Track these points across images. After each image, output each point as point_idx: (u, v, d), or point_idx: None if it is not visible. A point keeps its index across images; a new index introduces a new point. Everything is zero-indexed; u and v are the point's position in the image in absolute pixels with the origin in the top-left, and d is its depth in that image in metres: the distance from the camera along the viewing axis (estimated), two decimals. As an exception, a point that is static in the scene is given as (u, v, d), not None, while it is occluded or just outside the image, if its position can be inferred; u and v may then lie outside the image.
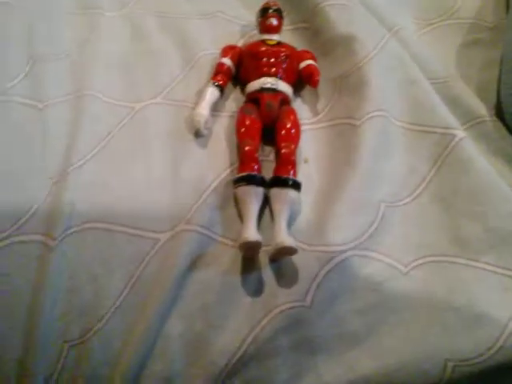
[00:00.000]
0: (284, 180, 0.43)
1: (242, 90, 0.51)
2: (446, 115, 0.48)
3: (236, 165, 0.46)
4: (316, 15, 0.54)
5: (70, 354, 0.38)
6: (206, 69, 0.52)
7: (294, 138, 0.46)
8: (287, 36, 0.56)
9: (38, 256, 0.40)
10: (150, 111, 0.49)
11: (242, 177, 0.43)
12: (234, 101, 0.51)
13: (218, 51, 0.52)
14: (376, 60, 0.50)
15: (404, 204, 0.45)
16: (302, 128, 0.49)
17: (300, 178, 0.45)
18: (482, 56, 0.59)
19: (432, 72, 0.54)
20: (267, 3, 0.52)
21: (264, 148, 0.48)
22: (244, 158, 0.44)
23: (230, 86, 0.51)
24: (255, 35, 0.54)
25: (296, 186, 0.43)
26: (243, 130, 0.46)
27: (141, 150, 0.46)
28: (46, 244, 0.40)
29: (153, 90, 0.51)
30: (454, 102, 0.52)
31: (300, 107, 0.51)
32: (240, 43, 0.55)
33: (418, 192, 0.46)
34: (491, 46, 0.59)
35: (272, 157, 0.47)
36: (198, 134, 0.47)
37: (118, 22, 0.56)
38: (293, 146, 0.45)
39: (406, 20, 0.60)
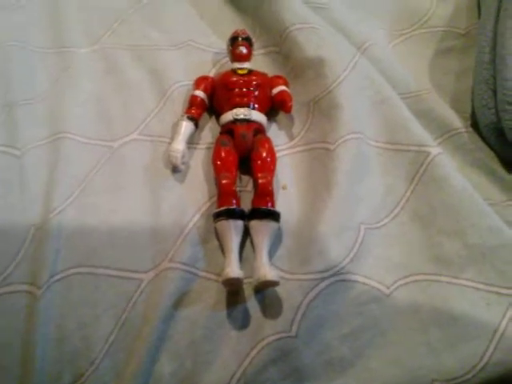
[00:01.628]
0: (262, 212, 0.44)
1: (217, 120, 0.51)
2: (419, 132, 0.49)
3: (215, 197, 0.46)
4: (285, 39, 0.54)
5: (65, 400, 0.39)
6: (180, 101, 0.52)
7: (270, 168, 0.46)
8: (259, 60, 0.56)
9: (25, 306, 0.41)
10: (126, 148, 0.49)
11: (221, 211, 0.43)
12: (210, 131, 0.51)
13: (191, 82, 0.53)
14: (346, 82, 0.50)
15: (383, 225, 0.46)
16: (279, 153, 0.49)
17: (279, 205, 0.46)
18: (455, 64, 0.59)
19: (404, 86, 0.54)
20: (236, 32, 0.53)
21: (242, 178, 0.48)
22: (222, 192, 0.45)
23: (205, 116, 0.52)
24: (227, 63, 0.55)
25: (275, 216, 0.44)
26: (219, 162, 0.46)
27: (119, 190, 0.47)
28: (32, 293, 0.41)
29: (129, 126, 0.51)
30: (428, 116, 0.53)
31: (275, 132, 0.51)
32: (213, 72, 0.55)
33: (396, 212, 0.46)
34: (465, 53, 0.59)
35: (250, 187, 0.48)
36: (175, 170, 0.48)
37: (91, 58, 0.57)
38: (269, 176, 0.45)
39: (377, 33, 0.61)
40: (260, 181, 0.45)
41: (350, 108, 0.49)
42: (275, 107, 0.52)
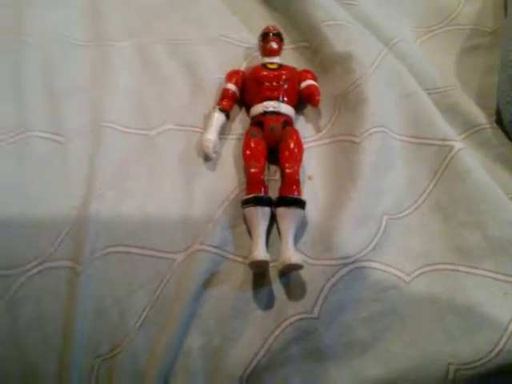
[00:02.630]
0: (289, 200, 0.46)
1: (248, 112, 0.54)
2: (443, 126, 0.50)
3: (244, 185, 0.49)
4: (315, 35, 0.57)
5: (102, 368, 0.42)
6: (213, 93, 0.55)
7: (297, 158, 0.48)
8: (289, 55, 0.58)
9: (67, 280, 0.44)
10: (161, 138, 0.52)
11: (250, 198, 0.46)
12: (240, 123, 0.54)
13: (224, 75, 0.55)
14: (374, 77, 0.52)
15: (405, 215, 0.48)
16: (306, 145, 0.52)
17: (305, 194, 0.48)
18: (482, 62, 0.60)
19: (431, 82, 0.56)
20: (267, 28, 0.55)
21: (270, 168, 0.51)
22: (251, 180, 0.47)
23: (236, 108, 0.54)
24: (258, 57, 0.57)
25: (301, 204, 0.46)
26: (249, 152, 0.49)
27: (155, 177, 0.50)
28: (74, 269, 0.44)
29: (164, 116, 0.54)
30: (452, 111, 0.54)
31: (303, 125, 0.54)
32: (243, 66, 0.58)
33: (418, 203, 0.48)
34: (491, 50, 0.60)
35: (278, 176, 0.50)
36: (207, 158, 0.50)
37: (128, 51, 0.60)
38: (296, 166, 0.48)
39: (405, 29, 0.62)
40: (287, 170, 0.47)
41: (377, 102, 0.51)
42: (303, 100, 0.54)
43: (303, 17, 0.58)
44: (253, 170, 0.47)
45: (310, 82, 0.53)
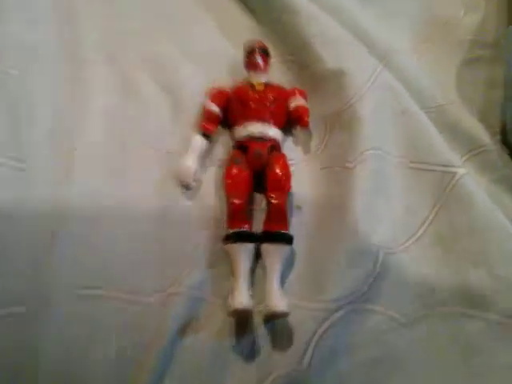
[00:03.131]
0: (275, 235, 0.42)
1: (232, 133, 0.49)
2: (444, 150, 0.46)
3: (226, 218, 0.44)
4: (304, 49, 0.52)
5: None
6: (195, 114, 0.50)
7: (284, 187, 0.44)
8: (276, 68, 0.54)
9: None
10: (138, 161, 0.47)
11: (231, 234, 0.41)
12: (223, 146, 0.49)
13: (206, 94, 0.51)
14: (368, 95, 0.48)
15: (404, 249, 0.43)
16: (295, 169, 0.47)
17: (292, 226, 0.43)
18: (483, 75, 0.56)
19: (431, 99, 0.51)
20: (253, 43, 0.51)
21: (256, 197, 0.46)
22: (233, 213, 0.43)
23: (219, 129, 0.50)
24: (244, 74, 0.52)
25: (288, 239, 0.42)
26: (231, 181, 0.44)
27: (128, 209, 0.45)
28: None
29: (142, 140, 0.49)
30: (453, 130, 0.50)
31: (291, 147, 0.49)
32: (229, 84, 0.53)
33: (418, 235, 0.44)
34: (493, 63, 0.56)
35: (264, 205, 0.45)
36: (186, 187, 0.46)
37: (104, 70, 0.55)
38: (283, 196, 0.43)
39: (401, 40, 0.58)
40: (273, 201, 0.43)
41: (371, 123, 0.46)
42: (292, 121, 0.49)
43: (293, 30, 0.54)
44: (235, 202, 0.43)
45: (299, 101, 0.49)
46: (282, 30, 0.55)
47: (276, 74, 0.52)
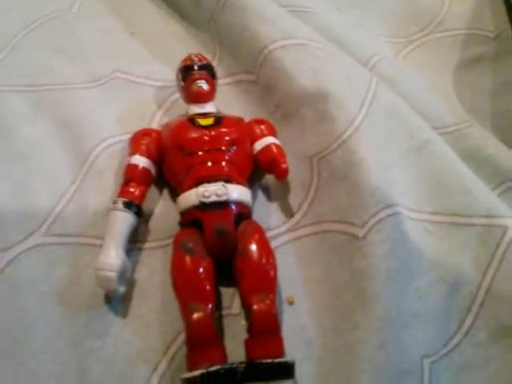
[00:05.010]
0: (265, 369, 0.25)
1: (174, 197, 0.33)
2: (482, 193, 0.32)
3: (181, 339, 0.28)
4: (264, 64, 0.36)
5: None
6: (110, 173, 0.33)
7: (270, 281, 0.28)
8: (224, 92, 0.38)
9: None
10: (21, 265, 0.30)
11: (195, 379, 0.25)
12: (164, 218, 0.32)
13: (126, 138, 0.34)
14: (366, 126, 0.33)
15: (453, 348, 0.29)
16: (275, 242, 0.32)
17: (285, 332, 0.28)
18: (489, 77, 0.43)
19: (437, 119, 0.38)
20: (189, 58, 0.34)
21: (222, 295, 0.30)
22: (194, 337, 0.26)
23: (153, 191, 0.33)
24: (178, 102, 0.36)
25: (287, 370, 0.26)
26: (184, 283, 0.27)
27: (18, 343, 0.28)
28: None
29: (26, 223, 0.31)
30: (476, 159, 0.36)
31: (264, 208, 0.33)
32: (157, 119, 0.36)
33: (467, 325, 0.30)
34: (498, 61, 0.44)
35: (237, 307, 0.30)
36: (110, 296, 0.29)
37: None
38: (271, 296, 0.27)
39: (379, 42, 0.45)
40: (256, 307, 0.27)
41: (378, 166, 0.32)
42: (262, 169, 0.34)
43: (241, 35, 0.37)
44: (195, 317, 0.26)
45: (268, 140, 0.33)
46: (226, 35, 0.39)
47: (228, 101, 0.37)
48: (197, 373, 0.25)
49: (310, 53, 0.35)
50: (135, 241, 0.31)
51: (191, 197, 0.30)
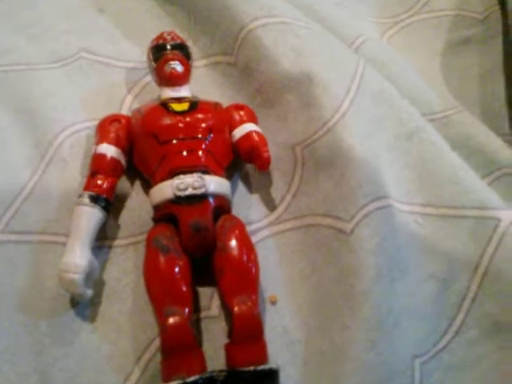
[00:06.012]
0: (248, 377, 0.23)
1: (147, 189, 0.30)
2: (474, 184, 0.31)
3: (155, 346, 0.26)
4: (243, 44, 0.33)
5: None
6: (76, 162, 0.30)
7: (252, 280, 0.26)
8: (201, 76, 0.35)
9: None
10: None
11: (173, 390, 0.23)
12: (135, 211, 0.30)
13: (94, 124, 0.31)
14: (353, 112, 0.30)
15: (444, 348, 0.28)
16: (255, 237, 0.30)
17: (268, 333, 0.26)
18: (476, 61, 0.42)
19: (425, 104, 0.36)
20: (161, 37, 0.31)
21: (200, 296, 0.28)
22: (170, 344, 0.24)
23: (123, 181, 0.30)
24: (149, 85, 0.34)
25: (271, 378, 0.24)
26: (158, 285, 0.25)
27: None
28: None
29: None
30: (465, 147, 0.35)
31: (245, 201, 0.31)
32: (127, 104, 0.33)
33: (458, 322, 0.28)
34: (487, 45, 0.42)
35: (215, 309, 0.28)
36: (76, 299, 0.27)
37: None
38: (253, 297, 0.25)
39: (364, 22, 0.42)
40: (237, 309, 0.25)
41: (366, 154, 0.29)
42: (241, 159, 0.31)
43: (219, 11, 0.34)
44: (171, 322, 0.24)
45: (248, 126, 0.30)
46: (204, 14, 0.36)
47: (204, 86, 0.34)
48: (175, 381, 0.23)
49: (293, 31, 0.33)
50: (104, 238, 0.28)
51: (165, 189, 0.27)
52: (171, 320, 0.24)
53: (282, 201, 0.31)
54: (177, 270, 0.25)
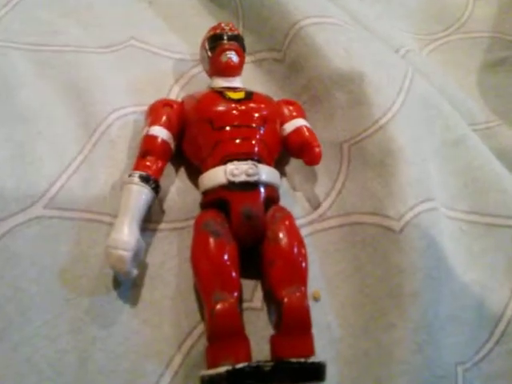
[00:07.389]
0: (295, 369, 0.23)
1: (193, 177, 0.30)
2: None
3: (198, 333, 0.25)
4: (293, 41, 0.33)
5: None
6: (123, 145, 0.30)
7: (302, 272, 0.25)
8: (244, 72, 0.34)
9: None
10: (20, 237, 0.26)
11: (221, 375, 0.22)
12: (183, 197, 0.29)
13: (141, 110, 0.31)
14: (403, 114, 0.31)
15: (485, 356, 0.27)
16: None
17: (313, 334, 0.25)
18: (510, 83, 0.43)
19: (468, 115, 0.36)
20: (219, 27, 0.31)
21: (244, 287, 0.27)
22: (218, 330, 0.23)
23: (170, 168, 0.30)
24: (198, 76, 0.34)
25: (318, 372, 0.24)
26: (208, 269, 0.24)
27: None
28: None
29: (26, 193, 0.27)
30: (507, 159, 0.35)
31: (287, 197, 0.30)
32: (175, 91, 0.34)
33: (501, 328, 0.28)
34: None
35: (258, 300, 0.27)
36: (120, 279, 0.26)
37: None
38: (303, 288, 0.25)
39: (405, 36, 0.43)
40: (287, 300, 0.24)
41: (417, 156, 0.30)
42: (290, 154, 0.31)
43: (274, 10, 0.34)
44: (220, 307, 0.23)
45: (299, 121, 0.30)
46: (251, 9, 0.36)
47: (249, 81, 0.33)
48: (221, 370, 0.22)
49: (345, 33, 0.33)
50: (149, 221, 0.28)
51: (218, 175, 0.27)
52: (220, 305, 0.23)
53: (326, 198, 0.31)
54: (227, 255, 0.25)
